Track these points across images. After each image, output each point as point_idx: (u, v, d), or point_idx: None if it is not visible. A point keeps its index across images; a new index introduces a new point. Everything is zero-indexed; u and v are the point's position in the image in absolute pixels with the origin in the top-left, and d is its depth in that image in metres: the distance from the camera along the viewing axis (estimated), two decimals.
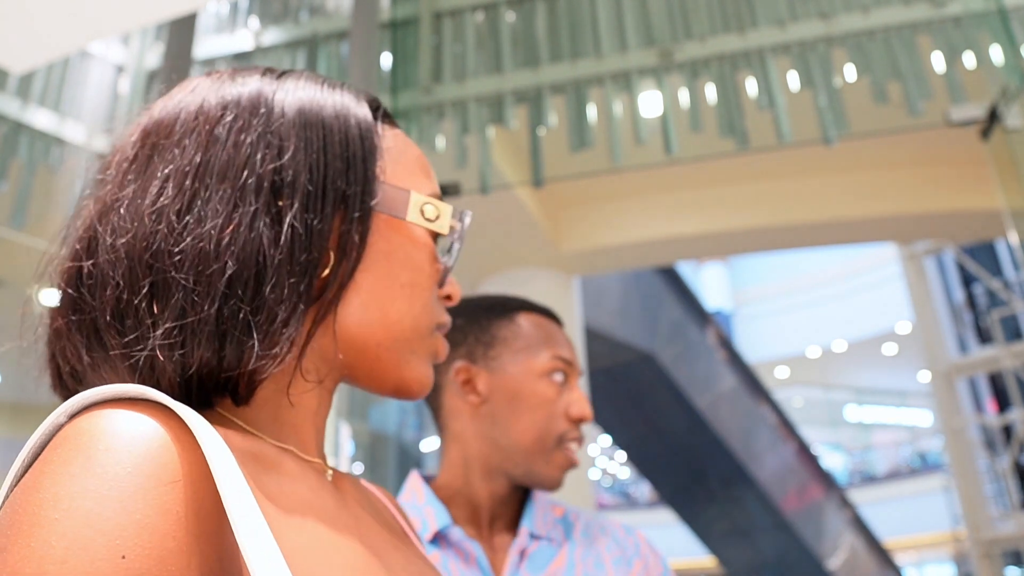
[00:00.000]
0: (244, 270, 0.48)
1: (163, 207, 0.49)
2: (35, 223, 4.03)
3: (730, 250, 8.02)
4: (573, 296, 5.49)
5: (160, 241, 0.48)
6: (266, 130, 0.52)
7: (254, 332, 0.48)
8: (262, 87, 0.55)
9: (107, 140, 4.09)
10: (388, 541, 0.55)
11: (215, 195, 0.49)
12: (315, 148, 0.53)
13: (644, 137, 3.26)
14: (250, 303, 0.48)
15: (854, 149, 4.39)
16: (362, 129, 0.56)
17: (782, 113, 3.12)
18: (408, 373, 0.57)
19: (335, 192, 0.53)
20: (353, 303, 0.54)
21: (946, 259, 8.71)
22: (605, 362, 6.93)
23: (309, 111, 0.54)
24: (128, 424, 0.40)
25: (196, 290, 0.47)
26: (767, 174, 5.00)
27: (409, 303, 0.56)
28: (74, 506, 0.36)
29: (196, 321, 0.47)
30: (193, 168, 0.50)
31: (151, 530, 0.37)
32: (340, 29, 3.82)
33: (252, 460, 0.47)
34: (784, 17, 3.27)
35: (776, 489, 8.45)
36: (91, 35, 2.59)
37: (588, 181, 4.71)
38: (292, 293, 0.49)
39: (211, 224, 0.48)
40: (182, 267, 0.47)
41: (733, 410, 8.09)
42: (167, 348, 0.47)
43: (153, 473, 0.39)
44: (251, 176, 0.50)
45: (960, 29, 3.07)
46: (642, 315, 7.14)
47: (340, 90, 0.58)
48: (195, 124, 0.52)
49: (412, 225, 0.57)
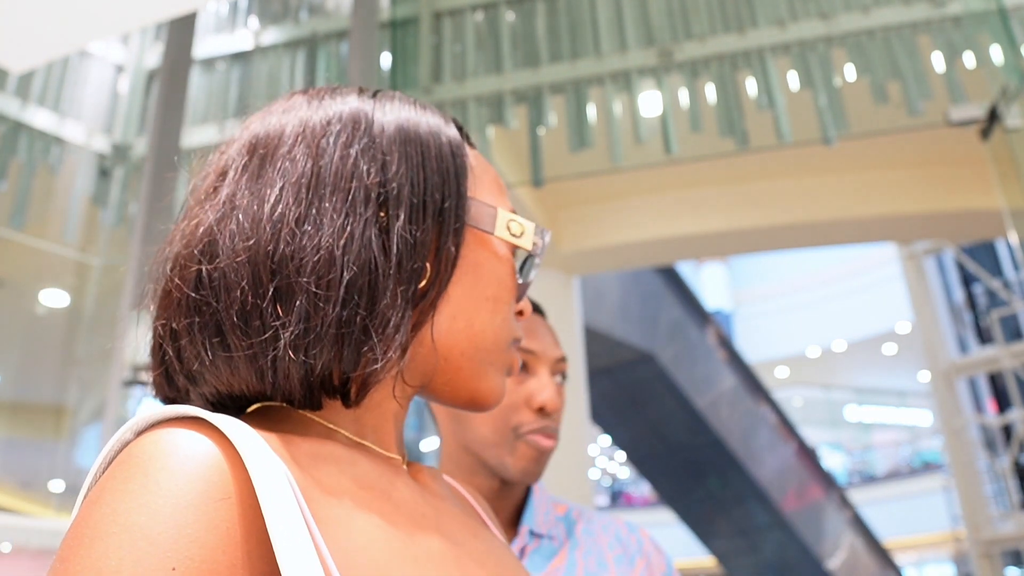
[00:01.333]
0: (360, 277, 0.50)
1: (282, 215, 0.51)
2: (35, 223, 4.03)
3: (730, 250, 8.02)
4: (573, 296, 5.49)
5: (283, 247, 0.50)
6: (369, 144, 0.55)
7: (372, 336, 0.50)
8: (361, 104, 0.57)
9: (107, 140, 4.09)
10: (470, 529, 0.57)
11: (328, 204, 0.52)
12: (415, 163, 0.55)
13: (644, 137, 3.26)
14: (367, 308, 0.50)
15: (854, 149, 4.39)
16: (453, 147, 0.58)
17: (782, 113, 3.12)
18: (484, 384, 0.59)
19: (434, 206, 0.55)
20: (444, 313, 0.56)
21: (946, 259, 8.71)
22: (605, 362, 6.93)
23: (407, 128, 0.57)
24: (184, 444, 0.43)
25: (318, 295, 0.49)
26: (767, 174, 5.00)
27: (492, 316, 0.58)
28: (130, 520, 0.40)
29: (320, 324, 0.49)
30: (307, 178, 0.52)
31: (200, 544, 0.40)
32: (340, 29, 3.82)
33: (322, 462, 0.49)
34: (784, 17, 3.27)
35: (776, 489, 8.45)
36: (91, 35, 2.59)
37: (588, 181, 4.71)
38: (401, 300, 0.52)
39: (328, 231, 0.51)
40: (303, 272, 0.49)
41: (733, 410, 8.09)
42: (293, 350, 0.49)
43: (204, 491, 0.41)
44: (360, 187, 0.53)
45: (960, 29, 3.07)
46: (642, 315, 7.14)
47: (430, 110, 0.61)
48: (303, 136, 0.55)
49: (498, 240, 0.60)
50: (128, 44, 4.19)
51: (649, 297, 7.30)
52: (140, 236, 3.31)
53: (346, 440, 0.53)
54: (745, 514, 8.63)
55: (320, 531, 0.44)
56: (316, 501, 0.46)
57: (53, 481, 5.96)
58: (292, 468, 0.46)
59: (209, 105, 4.00)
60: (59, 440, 5.61)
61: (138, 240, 3.31)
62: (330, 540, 0.44)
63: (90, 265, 4.74)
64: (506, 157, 4.09)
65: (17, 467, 6.21)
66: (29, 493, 6.09)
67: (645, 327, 7.10)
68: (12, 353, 5.66)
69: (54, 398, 5.69)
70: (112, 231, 4.19)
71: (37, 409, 6.01)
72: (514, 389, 1.04)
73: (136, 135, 4.10)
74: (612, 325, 6.67)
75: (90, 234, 4.36)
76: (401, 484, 0.54)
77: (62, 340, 5.37)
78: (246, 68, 3.99)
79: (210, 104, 4.00)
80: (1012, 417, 7.45)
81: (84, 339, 5.10)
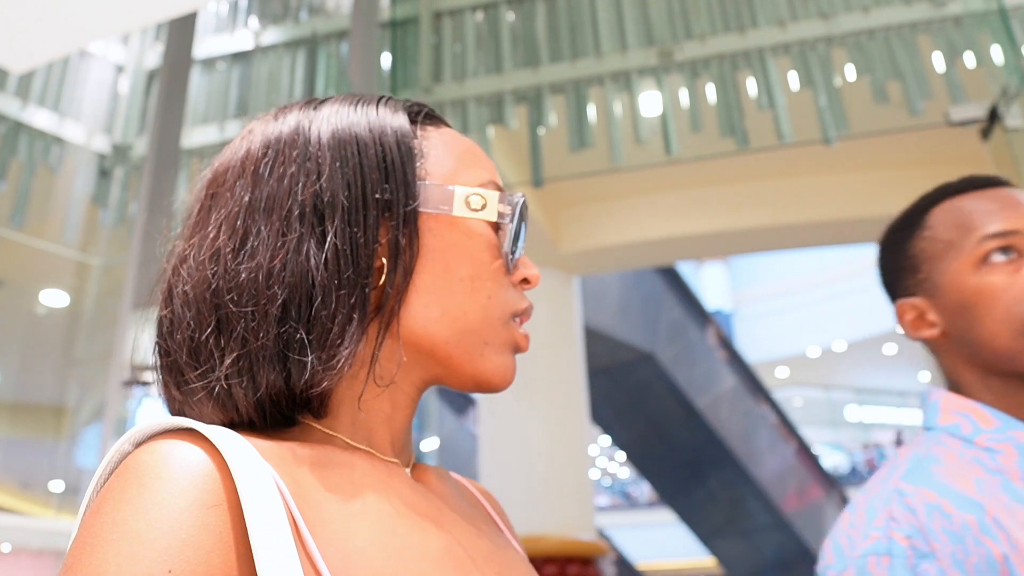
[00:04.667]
0: (295, 292, 0.51)
1: (219, 249, 0.54)
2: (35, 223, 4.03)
3: (730, 250, 8.02)
4: (573, 296, 5.49)
5: (218, 280, 0.53)
6: (304, 159, 0.55)
7: (309, 351, 0.51)
8: (300, 119, 0.58)
9: (107, 140, 4.09)
10: (476, 530, 0.57)
11: (264, 229, 0.53)
12: (351, 165, 0.55)
13: (644, 137, 3.26)
14: (304, 324, 0.51)
15: (854, 149, 4.39)
16: (398, 136, 0.58)
17: (782, 113, 3.12)
18: (484, 366, 0.57)
19: (375, 202, 0.55)
20: (415, 305, 0.55)
21: None
22: (605, 362, 6.94)
23: (342, 131, 0.57)
24: (178, 455, 0.45)
25: (255, 318, 0.51)
26: (767, 174, 5.00)
27: (470, 297, 0.56)
28: (128, 527, 0.42)
29: (258, 348, 0.51)
30: (242, 208, 0.54)
31: (195, 547, 0.42)
32: (340, 29, 3.82)
33: (318, 468, 0.50)
34: (784, 17, 3.27)
35: (776, 489, 8.46)
36: (91, 35, 2.59)
37: (588, 181, 4.71)
38: (343, 306, 0.52)
39: (263, 255, 0.52)
40: (240, 301, 0.52)
41: (733, 410, 8.10)
42: (235, 375, 0.51)
43: (197, 497, 0.43)
44: (294, 204, 0.54)
45: (960, 29, 3.07)
46: (642, 315, 7.14)
47: (374, 104, 0.60)
48: (242, 168, 0.57)
49: (467, 219, 0.58)
50: (128, 44, 4.19)
51: (649, 297, 7.30)
52: (140, 236, 3.31)
53: (344, 445, 0.54)
54: (745, 514, 8.63)
55: (314, 535, 0.45)
56: (311, 506, 0.47)
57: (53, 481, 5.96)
58: (285, 475, 0.47)
59: (209, 105, 4.00)
60: (59, 440, 5.61)
61: (138, 240, 3.31)
62: (325, 543, 0.45)
63: (90, 265, 4.74)
64: (506, 157, 4.09)
65: (17, 467, 6.21)
66: (29, 493, 6.09)
67: (645, 327, 7.10)
68: (12, 353, 5.66)
69: (54, 398, 5.69)
70: (112, 231, 4.19)
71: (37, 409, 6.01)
72: (1015, 280, 0.86)
73: (136, 135, 4.10)
74: (612, 325, 6.67)
75: (90, 234, 4.36)
76: (401, 486, 0.54)
77: (62, 340, 5.37)
78: (246, 68, 3.99)
79: (210, 104, 4.00)
80: None
81: (84, 339, 5.10)
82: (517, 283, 0.61)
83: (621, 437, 8.57)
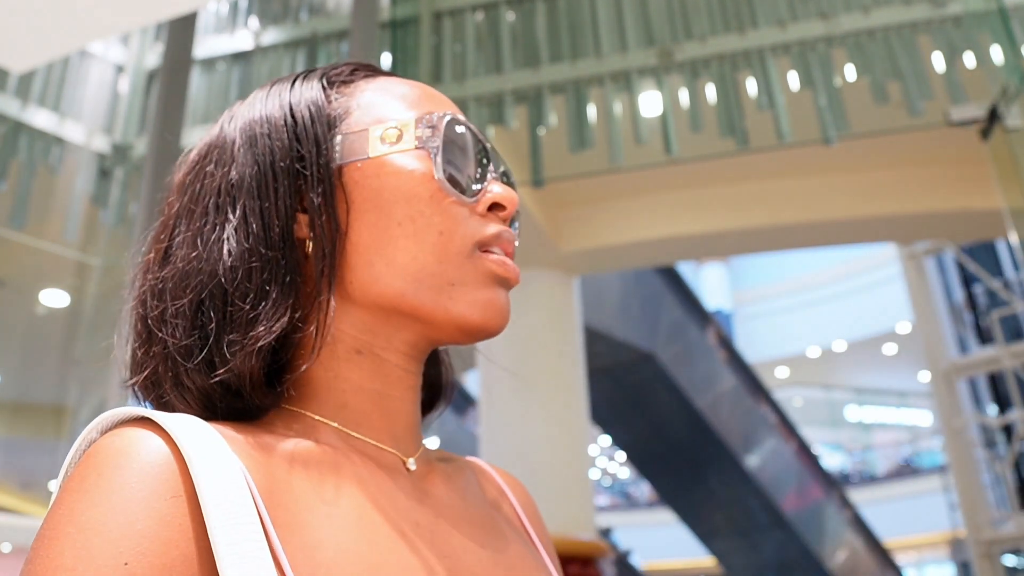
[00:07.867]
0: (209, 281, 0.51)
1: (147, 263, 0.56)
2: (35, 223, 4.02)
3: (730, 250, 8.02)
4: (573, 296, 5.49)
5: (147, 293, 0.54)
6: (221, 154, 0.55)
7: (225, 336, 0.50)
8: (223, 119, 0.58)
9: (107, 140, 4.09)
10: (474, 542, 0.53)
11: (188, 229, 0.54)
12: (260, 144, 0.54)
13: (644, 137, 3.26)
14: (220, 312, 0.51)
15: (854, 149, 4.39)
16: (308, 102, 0.56)
17: (782, 113, 3.12)
18: (457, 308, 0.52)
19: (283, 170, 0.53)
20: (358, 264, 0.52)
21: (946, 259, 8.70)
22: (605, 362, 6.93)
23: (253, 115, 0.56)
24: (138, 444, 0.44)
25: (177, 316, 0.52)
26: (767, 174, 5.00)
27: (415, 238, 0.52)
28: (84, 519, 0.41)
29: (181, 348, 0.51)
30: (170, 218, 0.56)
31: (152, 538, 0.41)
32: (340, 29, 3.82)
33: (298, 463, 0.48)
34: (784, 17, 3.27)
35: (776, 489, 8.45)
36: (91, 35, 2.59)
37: (588, 181, 4.71)
38: (255, 283, 0.50)
39: (182, 254, 0.53)
40: (164, 301, 0.53)
41: (733, 410, 8.09)
42: (175, 376, 0.51)
43: (155, 488, 0.42)
44: (210, 197, 0.54)
45: (960, 29, 3.07)
46: (642, 315, 7.14)
47: (289, 82, 0.59)
48: (182, 179, 0.58)
49: (396, 158, 0.53)
50: (128, 44, 4.19)
51: (649, 297, 7.30)
52: (140, 236, 3.31)
53: (334, 434, 0.51)
54: (745, 514, 8.63)
55: (282, 540, 0.43)
56: (282, 508, 0.45)
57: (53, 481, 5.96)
58: (257, 470, 0.46)
59: (209, 105, 4.00)
60: (59, 440, 5.60)
61: (138, 240, 3.31)
62: (293, 550, 0.43)
63: (90, 265, 4.74)
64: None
65: (17, 467, 6.21)
66: (29, 493, 6.09)
67: (645, 327, 7.10)
68: (12, 353, 5.66)
69: (54, 398, 5.69)
70: (112, 231, 4.19)
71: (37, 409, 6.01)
72: None
73: (136, 135, 4.10)
74: (612, 325, 6.67)
75: (90, 234, 4.36)
76: (392, 488, 0.51)
77: (62, 340, 5.37)
78: (246, 68, 3.99)
79: (210, 104, 4.00)
80: (1012, 417, 7.45)
81: (84, 339, 5.09)
82: (484, 211, 0.55)
83: (621, 437, 8.56)
